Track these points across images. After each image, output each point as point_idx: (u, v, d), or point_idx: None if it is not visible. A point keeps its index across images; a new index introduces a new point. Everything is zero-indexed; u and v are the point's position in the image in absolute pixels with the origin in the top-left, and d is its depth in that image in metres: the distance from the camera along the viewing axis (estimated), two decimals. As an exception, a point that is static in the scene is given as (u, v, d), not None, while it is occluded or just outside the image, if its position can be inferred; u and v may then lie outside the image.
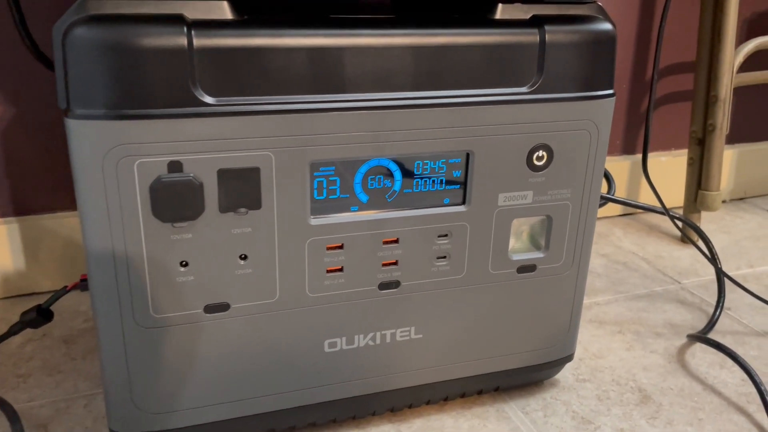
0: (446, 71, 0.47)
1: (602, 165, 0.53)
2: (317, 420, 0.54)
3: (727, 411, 0.60)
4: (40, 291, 0.78)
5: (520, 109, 0.49)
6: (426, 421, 0.57)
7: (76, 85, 0.40)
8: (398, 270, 0.51)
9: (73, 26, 0.39)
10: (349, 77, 0.44)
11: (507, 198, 0.51)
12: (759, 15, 1.05)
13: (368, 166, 0.47)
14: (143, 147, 0.41)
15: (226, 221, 0.45)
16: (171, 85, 0.41)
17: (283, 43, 0.42)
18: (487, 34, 0.47)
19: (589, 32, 0.49)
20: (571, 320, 0.58)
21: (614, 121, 1.02)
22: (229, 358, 0.48)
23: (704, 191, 0.93)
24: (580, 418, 0.58)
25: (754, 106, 1.12)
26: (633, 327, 0.74)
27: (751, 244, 0.97)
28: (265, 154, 0.44)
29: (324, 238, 0.48)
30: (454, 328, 0.54)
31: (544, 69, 0.48)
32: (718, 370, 0.66)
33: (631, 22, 0.97)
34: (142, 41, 0.39)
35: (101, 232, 0.42)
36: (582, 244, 0.55)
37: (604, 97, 0.51)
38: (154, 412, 0.48)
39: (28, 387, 0.61)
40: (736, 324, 0.75)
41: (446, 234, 0.51)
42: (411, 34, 0.45)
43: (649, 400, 0.61)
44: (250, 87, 0.42)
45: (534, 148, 0.50)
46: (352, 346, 0.52)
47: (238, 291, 0.47)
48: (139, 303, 0.45)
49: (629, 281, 0.85)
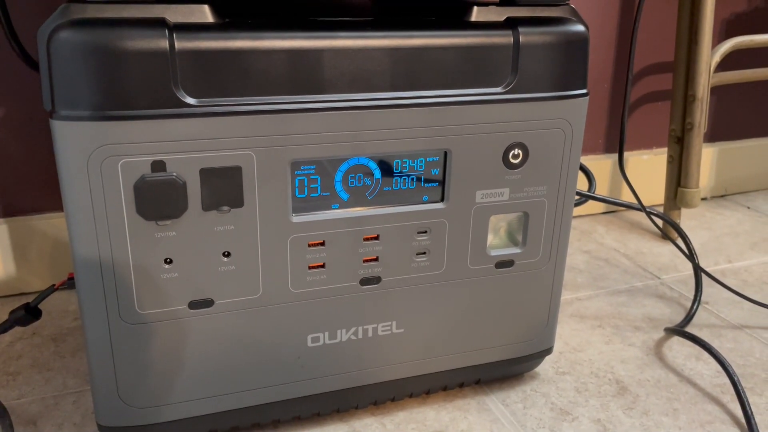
0: (423, 72, 0.48)
1: (577, 162, 0.55)
2: (301, 414, 0.55)
3: (701, 401, 0.62)
4: (29, 291, 0.78)
5: (496, 108, 0.50)
6: (408, 414, 0.59)
7: (61, 87, 0.41)
8: (379, 266, 0.52)
9: (58, 30, 0.40)
10: (328, 78, 0.46)
11: (484, 195, 0.53)
12: (736, 15, 1.07)
13: (348, 164, 0.49)
14: (127, 147, 0.42)
15: (209, 219, 0.46)
16: (154, 86, 0.42)
17: (263, 45, 0.44)
18: (463, 35, 0.48)
19: (562, 34, 0.50)
20: (550, 314, 0.60)
21: (595, 121, 1.04)
22: (214, 353, 0.50)
23: (683, 188, 0.94)
24: (559, 409, 0.60)
25: (734, 104, 1.14)
26: (613, 321, 0.75)
27: (730, 240, 0.99)
28: (246, 153, 0.45)
29: (306, 235, 0.49)
30: (435, 323, 0.56)
31: (519, 69, 0.50)
32: (694, 362, 0.68)
33: (611, 24, 0.99)
34: (125, 44, 0.41)
35: (87, 231, 0.44)
36: (558, 240, 0.57)
37: (578, 96, 0.52)
38: (141, 407, 0.49)
39: (18, 384, 0.62)
40: (713, 317, 0.77)
41: (425, 231, 0.52)
42: (388, 36, 0.47)
43: (626, 391, 0.63)
44: (231, 88, 0.44)
45: (510, 147, 0.52)
46: (335, 340, 0.53)
47: (221, 287, 0.48)
48: (125, 300, 0.46)
49: (610, 277, 0.87)
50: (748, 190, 1.20)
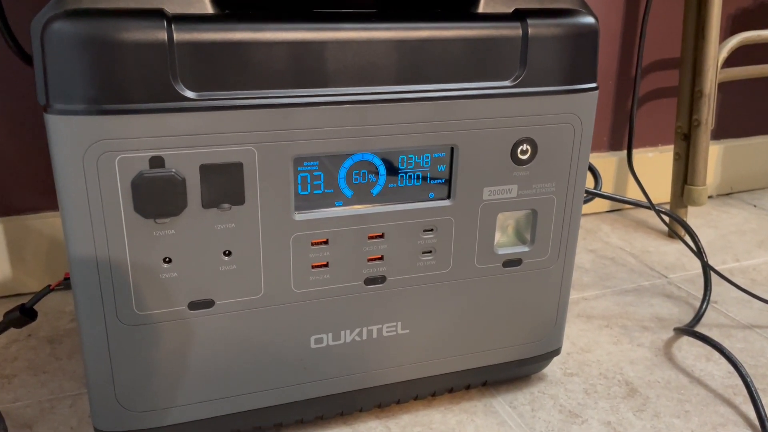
0: (429, 65, 0.47)
1: (586, 158, 0.53)
2: (304, 417, 0.54)
3: (713, 403, 0.60)
4: (25, 292, 0.77)
5: (504, 102, 0.49)
6: (414, 417, 0.57)
7: (55, 81, 0.39)
8: (384, 265, 0.50)
9: (52, 21, 0.39)
10: (331, 71, 0.44)
11: (492, 192, 0.51)
12: (743, 10, 1.06)
13: (352, 160, 0.47)
14: (124, 142, 0.41)
15: (209, 217, 0.44)
16: (151, 79, 0.40)
17: (264, 37, 0.42)
18: (470, 27, 0.47)
19: (571, 25, 0.49)
20: (558, 314, 0.58)
21: (601, 118, 1.02)
22: (214, 355, 0.48)
23: (690, 186, 0.93)
24: (568, 411, 0.59)
25: (739, 101, 1.13)
26: (620, 321, 0.74)
27: (737, 239, 0.98)
28: (247, 149, 0.44)
29: (309, 233, 0.47)
30: (441, 323, 0.54)
31: (527, 62, 0.48)
32: (705, 362, 0.66)
33: (616, 19, 0.98)
34: (121, 35, 0.39)
35: (83, 229, 0.42)
36: (567, 238, 0.55)
37: (588, 90, 0.51)
38: (139, 411, 0.48)
39: (13, 387, 0.60)
40: (723, 317, 0.75)
41: (432, 228, 0.51)
42: (394, 28, 0.45)
43: (636, 393, 0.61)
44: (232, 81, 0.42)
45: (518, 142, 0.50)
46: (339, 341, 0.52)
47: (222, 287, 0.47)
48: (122, 300, 0.45)
49: (617, 276, 0.85)
50: (755, 188, 1.19)
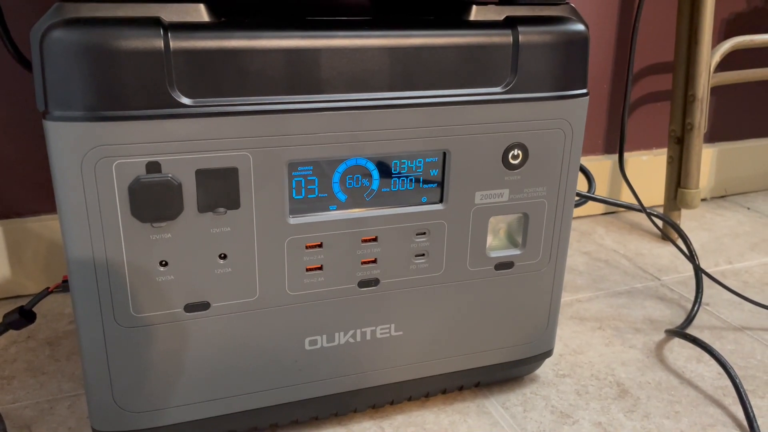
0: (422, 72, 0.47)
1: (577, 163, 0.54)
2: (299, 417, 0.55)
3: (703, 404, 0.61)
4: (24, 294, 0.78)
5: (495, 108, 0.50)
6: (407, 417, 0.58)
7: (54, 88, 0.40)
8: (377, 268, 0.51)
9: (51, 29, 0.40)
10: (325, 78, 0.45)
11: (484, 196, 0.52)
12: (736, 15, 1.07)
13: (346, 165, 0.48)
14: (121, 148, 0.42)
15: (205, 221, 0.45)
16: (148, 86, 0.41)
17: (259, 44, 0.43)
18: (462, 35, 0.48)
19: (562, 33, 0.50)
20: (550, 316, 0.59)
21: (595, 122, 1.03)
22: (210, 356, 0.49)
23: (683, 189, 0.94)
24: (559, 412, 0.59)
25: (733, 105, 1.14)
26: (613, 323, 0.75)
27: (730, 241, 0.99)
28: (242, 154, 0.44)
29: (303, 237, 0.48)
30: (434, 325, 0.55)
31: (518, 69, 0.49)
32: (695, 364, 0.67)
33: (611, 24, 0.99)
34: (119, 44, 0.40)
35: (81, 233, 0.43)
36: (558, 241, 0.56)
37: (578, 96, 0.52)
38: (136, 411, 0.49)
39: (12, 388, 0.61)
40: (714, 319, 0.76)
41: (424, 232, 0.52)
42: (386, 36, 0.46)
43: (627, 394, 0.62)
44: (227, 88, 0.43)
45: (509, 147, 0.51)
46: (333, 343, 0.52)
47: (218, 290, 0.47)
48: (120, 303, 0.45)
49: (610, 278, 0.86)
50: (748, 191, 1.20)
